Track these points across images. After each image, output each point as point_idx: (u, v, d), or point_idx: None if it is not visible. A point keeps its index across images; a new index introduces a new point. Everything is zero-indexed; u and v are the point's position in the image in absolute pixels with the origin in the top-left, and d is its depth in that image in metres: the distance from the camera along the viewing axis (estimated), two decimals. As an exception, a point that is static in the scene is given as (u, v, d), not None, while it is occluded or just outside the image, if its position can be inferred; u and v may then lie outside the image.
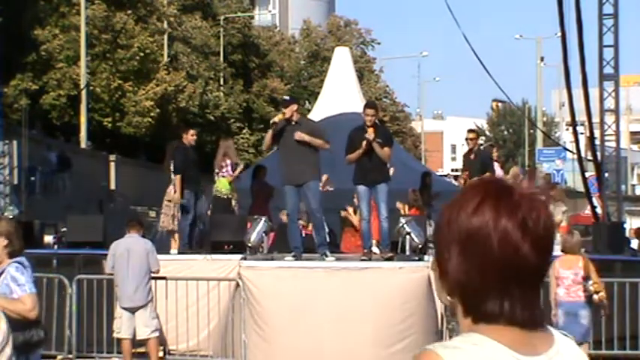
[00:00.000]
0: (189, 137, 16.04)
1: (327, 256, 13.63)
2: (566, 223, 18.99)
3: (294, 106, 13.85)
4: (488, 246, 2.08)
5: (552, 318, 12.33)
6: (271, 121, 13.95)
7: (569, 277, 12.02)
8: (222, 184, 16.89)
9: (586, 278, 12.01)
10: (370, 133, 13.64)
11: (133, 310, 12.56)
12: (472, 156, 16.47)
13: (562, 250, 12.22)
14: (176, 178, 15.55)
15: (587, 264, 12.12)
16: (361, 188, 13.91)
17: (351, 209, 17.62)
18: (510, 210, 2.09)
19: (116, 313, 12.81)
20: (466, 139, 16.87)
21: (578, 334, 12.09)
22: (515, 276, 2.08)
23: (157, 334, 12.78)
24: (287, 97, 15.16)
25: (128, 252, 12.56)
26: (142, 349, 12.99)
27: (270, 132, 13.89)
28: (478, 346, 2.07)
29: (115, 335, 12.81)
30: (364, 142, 13.61)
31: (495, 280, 2.08)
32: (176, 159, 15.73)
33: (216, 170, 17.15)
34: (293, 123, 13.67)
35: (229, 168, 16.93)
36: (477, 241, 2.08)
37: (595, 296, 12.05)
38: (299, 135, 13.48)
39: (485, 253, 2.08)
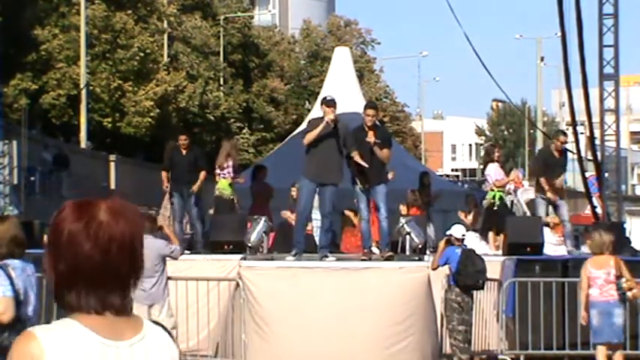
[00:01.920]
0: (180, 141, 16.45)
1: (327, 257, 13.68)
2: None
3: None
4: (74, 249, 2.54)
5: (582, 321, 12.23)
6: (329, 118, 13.66)
7: (601, 277, 11.95)
8: (223, 185, 16.85)
9: (619, 277, 11.98)
10: (370, 137, 13.65)
11: (148, 308, 12.60)
12: (560, 156, 16.45)
13: (592, 252, 12.24)
14: (162, 174, 16.51)
15: (619, 262, 12.08)
16: (359, 189, 13.94)
17: (351, 213, 17.68)
18: (87, 221, 2.55)
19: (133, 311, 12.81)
20: (560, 142, 16.60)
21: (614, 335, 12.06)
22: (102, 273, 2.55)
23: (172, 332, 12.79)
24: (332, 97, 14.86)
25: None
26: None
27: (321, 128, 13.70)
28: (68, 329, 2.54)
29: None
30: (356, 157, 13.60)
31: (82, 276, 2.54)
32: (165, 159, 16.67)
33: (217, 170, 17.05)
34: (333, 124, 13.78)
35: (231, 169, 16.88)
36: (66, 245, 2.55)
37: (628, 293, 12.01)
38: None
39: (73, 255, 2.54)
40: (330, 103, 13.96)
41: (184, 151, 16.22)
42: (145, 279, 12.50)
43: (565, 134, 17.64)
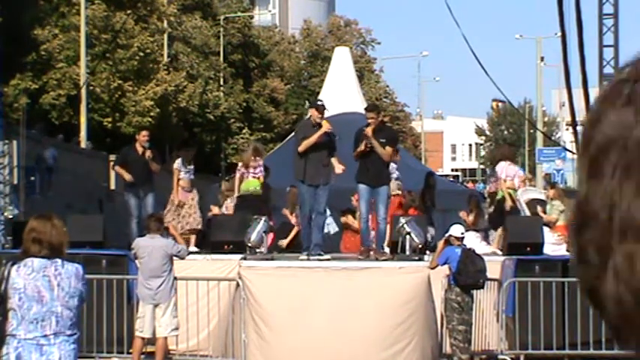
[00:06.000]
0: (140, 138, 16.24)
1: (321, 255, 13.74)
2: (563, 222, 18.99)
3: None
4: None
5: None
6: (327, 128, 13.96)
7: None
8: (252, 184, 16.77)
9: None
10: (362, 146, 13.82)
11: (154, 308, 12.62)
12: None
13: None
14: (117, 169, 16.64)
15: None
16: (362, 187, 14.00)
17: (350, 217, 17.69)
18: None
19: (139, 312, 12.82)
20: None
21: None
22: None
23: (176, 332, 12.82)
24: (322, 102, 15.03)
25: (149, 252, 12.61)
26: (150, 349, 13.00)
27: (317, 136, 13.90)
28: None
29: (137, 334, 12.79)
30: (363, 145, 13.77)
31: None
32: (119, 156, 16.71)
33: (242, 170, 16.98)
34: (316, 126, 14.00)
35: (262, 168, 16.89)
36: None
37: None
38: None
39: None
40: (320, 107, 14.30)
41: (140, 150, 15.98)
42: (153, 278, 12.51)
43: None
